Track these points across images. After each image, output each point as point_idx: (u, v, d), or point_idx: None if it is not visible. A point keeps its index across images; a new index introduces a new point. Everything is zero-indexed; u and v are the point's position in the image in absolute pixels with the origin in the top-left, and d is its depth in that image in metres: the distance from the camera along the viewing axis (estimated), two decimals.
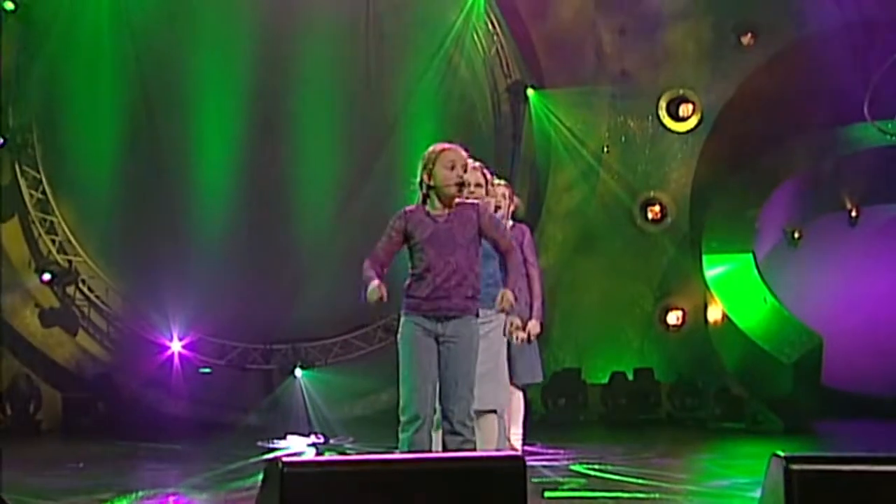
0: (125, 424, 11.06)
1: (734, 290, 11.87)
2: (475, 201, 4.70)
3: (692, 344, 12.76)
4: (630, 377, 12.74)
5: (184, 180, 11.89)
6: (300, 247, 12.27)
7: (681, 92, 13.07)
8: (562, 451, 8.81)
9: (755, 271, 11.80)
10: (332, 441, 10.20)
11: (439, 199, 4.55)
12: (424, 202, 4.59)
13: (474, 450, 4.49)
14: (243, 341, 12.40)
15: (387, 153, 12.53)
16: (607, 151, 13.31)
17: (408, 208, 4.62)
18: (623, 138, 13.29)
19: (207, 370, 12.22)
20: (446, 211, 4.55)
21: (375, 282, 4.42)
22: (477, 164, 5.31)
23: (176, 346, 12.02)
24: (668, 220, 13.21)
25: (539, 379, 6.21)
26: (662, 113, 13.10)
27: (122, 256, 11.98)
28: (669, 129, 13.14)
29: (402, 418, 4.47)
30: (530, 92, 13.21)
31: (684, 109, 13.08)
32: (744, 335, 11.53)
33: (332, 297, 11.70)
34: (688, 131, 13.11)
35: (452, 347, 4.46)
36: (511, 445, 5.94)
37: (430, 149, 4.62)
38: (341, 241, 11.50)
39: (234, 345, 12.40)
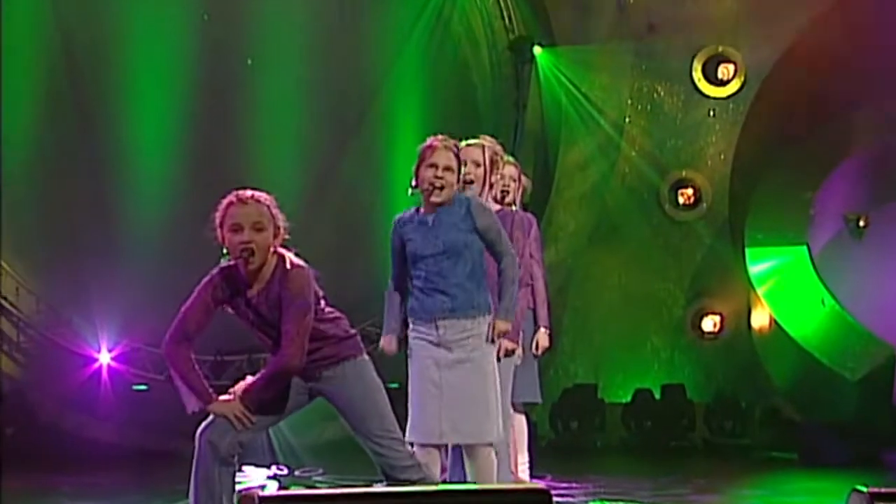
0: (41, 454, 10.83)
1: (784, 291, 12.03)
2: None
3: (733, 355, 12.85)
4: (657, 395, 12.74)
5: (117, 160, 11.89)
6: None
7: (719, 50, 13.10)
8: (576, 485, 8.81)
9: (810, 267, 11.91)
10: (297, 473, 10.11)
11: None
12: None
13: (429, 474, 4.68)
14: None
15: (365, 127, 12.66)
16: (629, 121, 13.34)
17: (217, 277, 4.68)
18: (649, 106, 13.32)
19: (143, 387, 12.04)
20: (264, 282, 4.60)
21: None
22: (482, 142, 5.61)
23: (104, 358, 11.84)
24: (704, 205, 13.22)
25: (539, 399, 6.42)
26: (697, 75, 13.12)
27: (37, 249, 11.83)
28: (705, 95, 13.17)
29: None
30: (537, 50, 13.29)
31: (724, 71, 13.09)
32: (796, 345, 11.67)
33: None
34: (728, 97, 13.12)
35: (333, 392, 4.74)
36: (517, 478, 6.10)
37: (220, 203, 4.66)
38: (311, 233, 11.24)
39: None
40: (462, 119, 13.24)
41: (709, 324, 13.11)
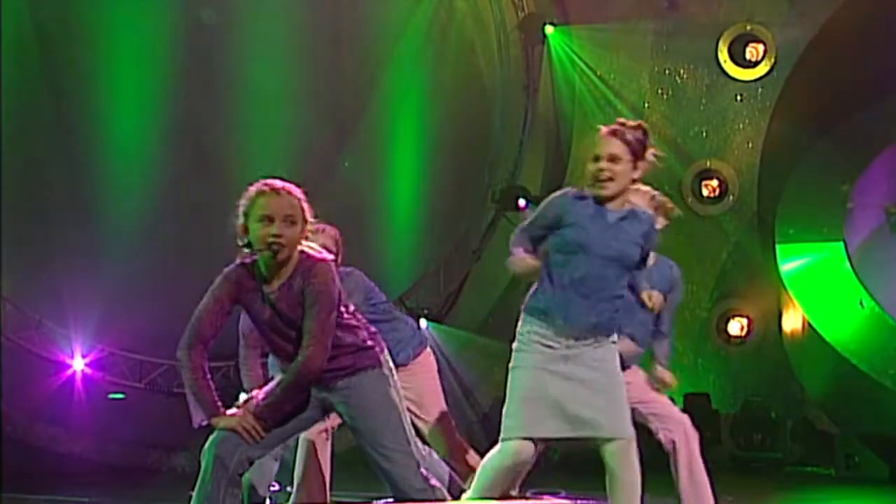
0: (8, 471, 10.42)
1: (819, 291, 11.99)
2: (316, 260, 4.63)
3: (762, 362, 12.91)
4: (679, 405, 12.54)
5: (93, 156, 11.85)
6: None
7: (748, 28, 13.20)
8: (592, 502, 8.47)
9: (847, 265, 11.87)
10: (289, 489, 9.88)
11: (262, 259, 4.58)
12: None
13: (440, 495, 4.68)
14: (169, 357, 11.96)
15: (367, 114, 12.70)
16: (649, 107, 13.40)
17: (233, 273, 4.68)
18: (671, 90, 13.46)
19: (120, 395, 11.99)
20: (286, 277, 4.57)
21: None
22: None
23: (78, 365, 11.75)
24: (730, 198, 13.33)
25: None
26: (723, 56, 13.22)
27: (4, 246, 11.50)
28: (732, 78, 13.29)
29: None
30: (549, 29, 13.31)
31: (752, 52, 13.18)
32: (832, 350, 11.61)
33: None
34: (757, 80, 13.16)
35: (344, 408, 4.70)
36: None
37: (247, 190, 4.66)
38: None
39: (157, 362, 12.17)
40: (467, 105, 13.20)
41: (736, 327, 13.16)
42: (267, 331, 4.61)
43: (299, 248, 4.58)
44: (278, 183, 4.62)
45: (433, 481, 4.74)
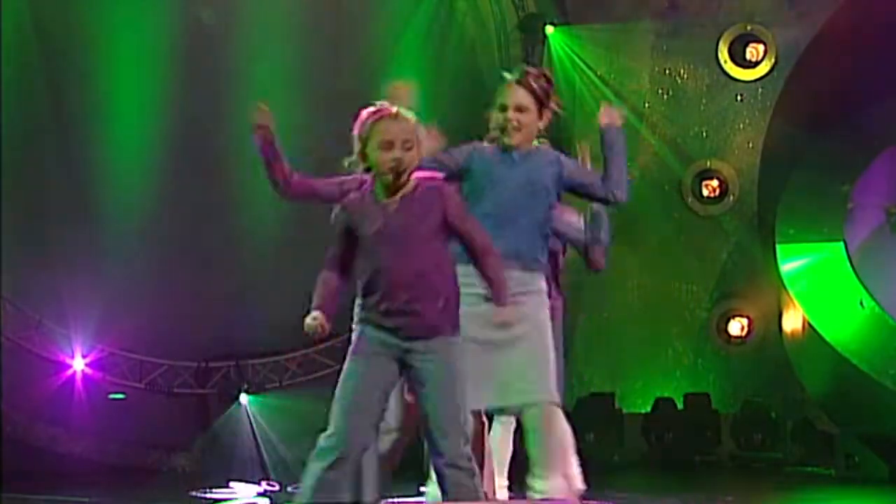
0: (8, 471, 10.55)
1: (819, 291, 11.96)
2: (437, 181, 4.80)
3: (762, 362, 12.83)
4: (679, 405, 12.70)
5: (93, 155, 11.85)
6: (249, 235, 12.32)
7: (748, 28, 13.01)
8: (593, 502, 8.66)
9: (847, 265, 11.85)
10: (289, 489, 9.97)
11: (382, 183, 4.72)
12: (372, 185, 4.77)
13: (475, 486, 4.65)
14: (169, 357, 12.24)
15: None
16: (650, 107, 13.30)
17: (349, 196, 4.80)
18: (671, 90, 13.28)
19: (120, 396, 12.01)
20: (398, 196, 4.71)
21: (315, 312, 4.68)
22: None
23: (78, 365, 11.80)
24: (730, 198, 13.19)
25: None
26: (723, 56, 13.08)
27: (3, 246, 11.57)
28: (732, 78, 13.11)
29: (321, 443, 4.67)
30: (549, 29, 13.23)
31: (752, 52, 13.02)
32: (832, 351, 11.57)
33: (290, 301, 11.34)
34: (757, 80, 13.06)
35: (424, 370, 4.66)
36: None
37: (363, 114, 4.78)
38: (304, 229, 11.32)
39: (157, 362, 12.23)
40: (467, 104, 13.16)
41: (736, 327, 13.06)
42: (377, 244, 4.67)
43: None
44: (393, 108, 4.75)
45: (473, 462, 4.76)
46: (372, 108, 4.76)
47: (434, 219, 4.64)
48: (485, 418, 5.52)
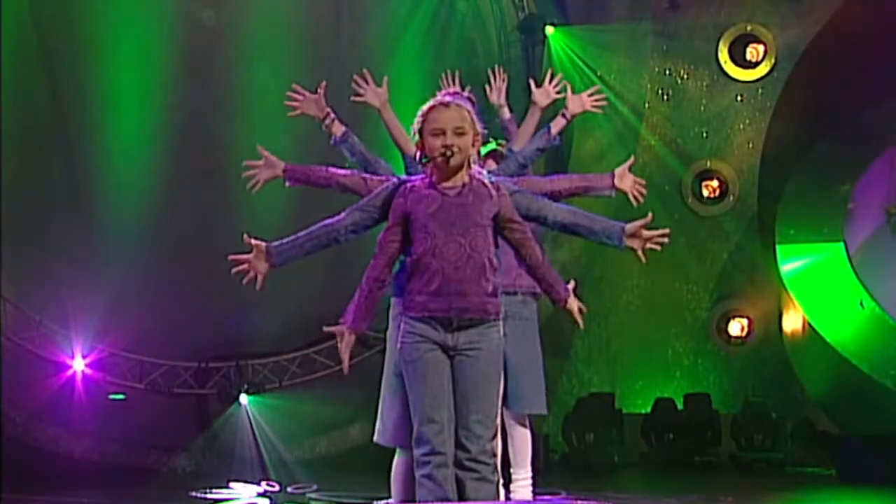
0: (8, 471, 10.50)
1: (819, 292, 11.90)
2: (489, 178, 4.99)
3: (762, 362, 12.89)
4: (679, 405, 12.74)
5: (93, 153, 11.85)
6: (249, 234, 12.09)
7: (748, 29, 13.07)
8: (594, 502, 8.78)
9: (847, 266, 11.81)
10: (289, 489, 10.09)
11: (438, 169, 4.87)
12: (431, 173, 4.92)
13: (495, 488, 4.74)
14: (169, 357, 12.20)
15: (365, 117, 12.37)
16: (650, 108, 13.38)
17: (407, 185, 4.93)
18: (671, 91, 13.35)
19: (120, 396, 11.99)
20: (457, 182, 4.87)
21: (343, 328, 5.06)
22: None
23: (78, 365, 11.73)
24: (731, 198, 13.26)
25: (544, 410, 6.48)
26: (723, 57, 13.14)
27: (3, 246, 11.51)
28: (732, 79, 13.18)
29: (417, 452, 4.74)
30: (549, 30, 13.27)
31: (752, 52, 13.10)
32: (833, 351, 11.47)
33: (291, 300, 11.61)
34: (757, 80, 13.13)
35: (468, 362, 4.77)
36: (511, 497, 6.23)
37: (421, 110, 4.95)
38: (304, 227, 11.33)
39: (157, 362, 12.19)
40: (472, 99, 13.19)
41: (736, 328, 13.11)
42: (429, 223, 4.77)
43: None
44: (448, 98, 4.93)
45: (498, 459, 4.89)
46: (430, 101, 4.93)
47: (488, 209, 4.79)
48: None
